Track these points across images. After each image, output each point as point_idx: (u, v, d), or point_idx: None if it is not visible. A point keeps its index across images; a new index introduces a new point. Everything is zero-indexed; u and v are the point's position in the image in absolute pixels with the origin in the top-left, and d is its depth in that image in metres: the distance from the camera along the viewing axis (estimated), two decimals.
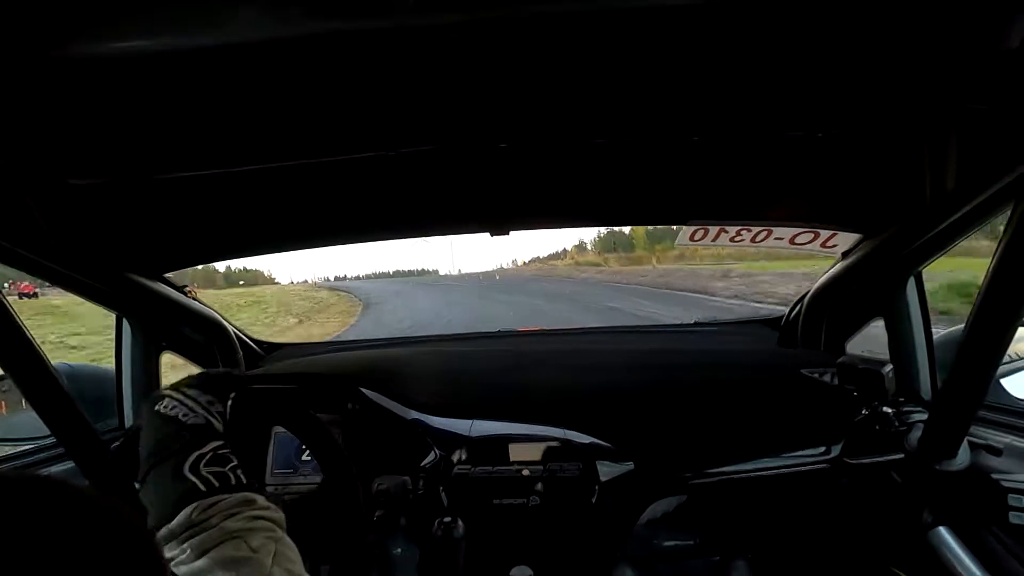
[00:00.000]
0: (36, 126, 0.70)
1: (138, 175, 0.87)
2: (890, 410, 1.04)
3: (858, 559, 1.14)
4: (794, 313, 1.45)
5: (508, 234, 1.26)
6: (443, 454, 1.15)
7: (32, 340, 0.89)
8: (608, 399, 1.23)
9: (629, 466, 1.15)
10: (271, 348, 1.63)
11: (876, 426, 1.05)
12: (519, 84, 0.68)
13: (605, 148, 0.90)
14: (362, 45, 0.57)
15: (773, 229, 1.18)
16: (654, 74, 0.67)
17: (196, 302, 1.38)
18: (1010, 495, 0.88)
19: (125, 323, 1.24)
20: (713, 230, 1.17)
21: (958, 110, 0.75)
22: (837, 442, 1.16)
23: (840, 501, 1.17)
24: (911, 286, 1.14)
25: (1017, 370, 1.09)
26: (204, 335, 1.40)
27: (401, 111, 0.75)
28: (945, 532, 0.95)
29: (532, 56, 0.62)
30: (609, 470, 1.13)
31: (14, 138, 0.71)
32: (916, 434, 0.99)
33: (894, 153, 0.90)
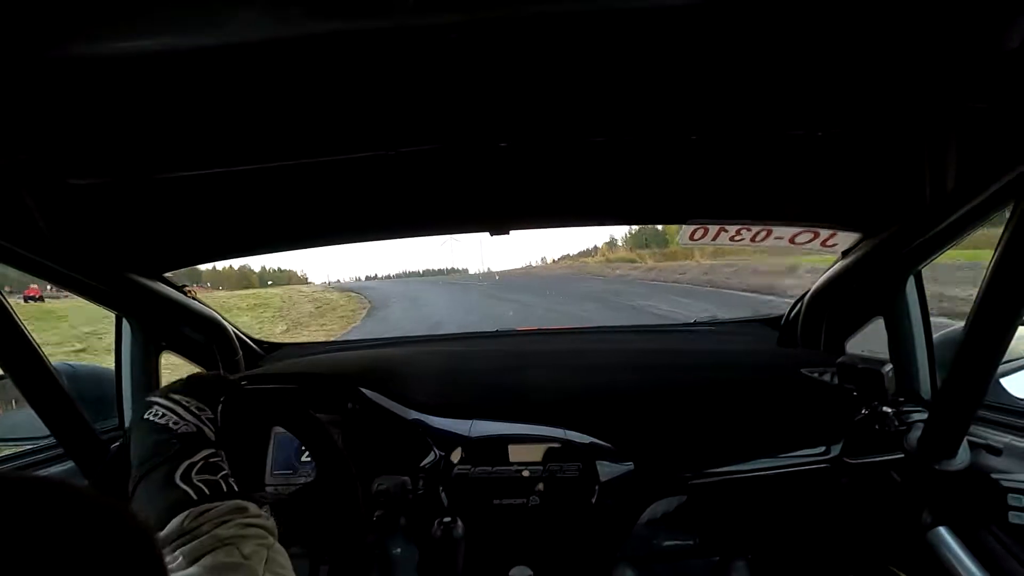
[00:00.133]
0: (36, 126, 0.70)
1: (138, 175, 0.87)
2: (890, 410, 1.04)
3: (858, 559, 1.14)
4: (794, 313, 1.45)
5: (508, 233, 1.26)
6: (443, 454, 1.15)
7: (32, 340, 0.89)
8: (608, 399, 1.23)
9: (629, 466, 1.15)
10: (271, 348, 1.63)
11: (876, 426, 1.05)
12: (519, 84, 0.68)
13: (605, 147, 0.90)
14: (362, 45, 0.57)
15: (773, 228, 1.18)
16: (654, 73, 0.67)
17: (196, 302, 1.38)
18: (1010, 495, 0.88)
19: (125, 323, 1.24)
20: (713, 229, 1.18)
21: (958, 110, 0.75)
22: (837, 442, 1.16)
23: (840, 501, 1.17)
24: (911, 285, 1.14)
25: (1017, 370, 1.09)
26: (204, 335, 1.40)
27: (401, 111, 0.75)
28: (945, 532, 0.95)
29: (532, 56, 0.62)
30: (609, 470, 1.14)
31: (14, 138, 0.71)
32: (916, 434, 0.99)
33: (894, 152, 0.90)
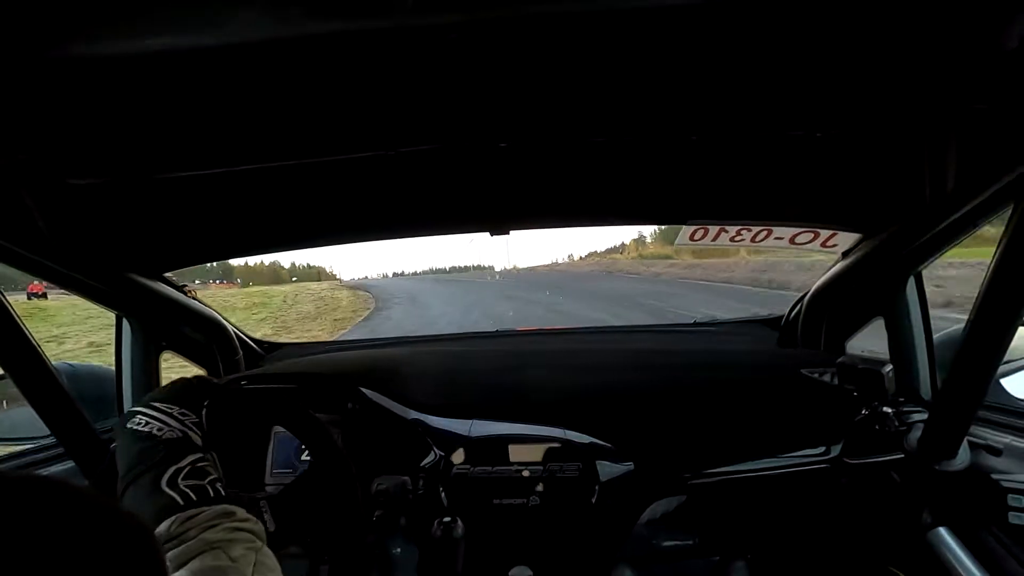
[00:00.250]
0: (36, 126, 0.70)
1: (138, 175, 0.87)
2: (890, 410, 1.04)
3: (857, 559, 1.14)
4: (794, 313, 1.45)
5: (508, 233, 1.26)
6: (443, 454, 1.15)
7: (32, 339, 0.89)
8: (608, 399, 1.23)
9: (629, 466, 1.15)
10: (271, 348, 1.63)
11: (876, 426, 1.05)
12: (519, 84, 0.68)
13: (605, 147, 0.90)
14: (362, 45, 0.57)
15: (773, 229, 1.18)
16: (654, 74, 0.67)
17: (196, 302, 1.38)
18: (1010, 495, 0.88)
19: (125, 323, 1.24)
20: (713, 230, 1.18)
21: (958, 110, 0.74)
22: (837, 442, 1.16)
23: (840, 501, 1.17)
24: (911, 286, 1.14)
25: (1017, 370, 1.09)
26: (204, 335, 1.40)
27: (401, 111, 0.75)
28: (944, 532, 0.95)
29: (532, 56, 0.62)
30: (609, 470, 1.13)
31: (13, 138, 0.71)
32: (916, 434, 0.99)
33: (894, 153, 0.90)
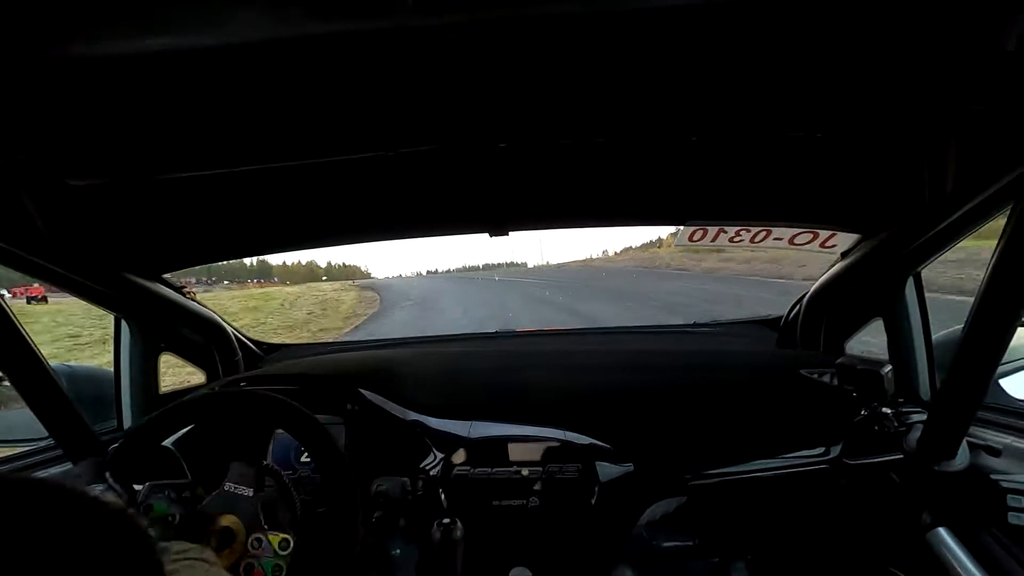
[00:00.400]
0: (35, 126, 0.70)
1: (137, 175, 0.87)
2: (889, 411, 1.04)
3: (857, 560, 1.14)
4: (793, 314, 1.45)
5: (507, 234, 1.26)
6: (442, 455, 1.15)
7: (30, 340, 0.89)
8: (607, 400, 1.23)
9: (628, 467, 1.15)
10: (270, 349, 1.63)
11: (875, 427, 1.05)
12: (519, 84, 0.68)
13: (604, 148, 0.90)
14: (362, 46, 0.57)
15: (772, 229, 1.18)
16: (653, 74, 0.68)
17: (195, 303, 1.38)
18: (1009, 496, 0.88)
19: (124, 324, 1.24)
20: (712, 230, 1.18)
21: (957, 111, 0.75)
22: (836, 443, 1.16)
23: (839, 502, 1.17)
24: (910, 286, 1.14)
25: (1016, 370, 1.09)
26: (203, 336, 1.40)
27: (401, 111, 0.75)
28: (944, 533, 0.95)
29: (532, 56, 0.62)
30: (608, 471, 1.13)
31: (13, 138, 0.71)
32: (915, 435, 0.99)
33: (893, 154, 0.90)
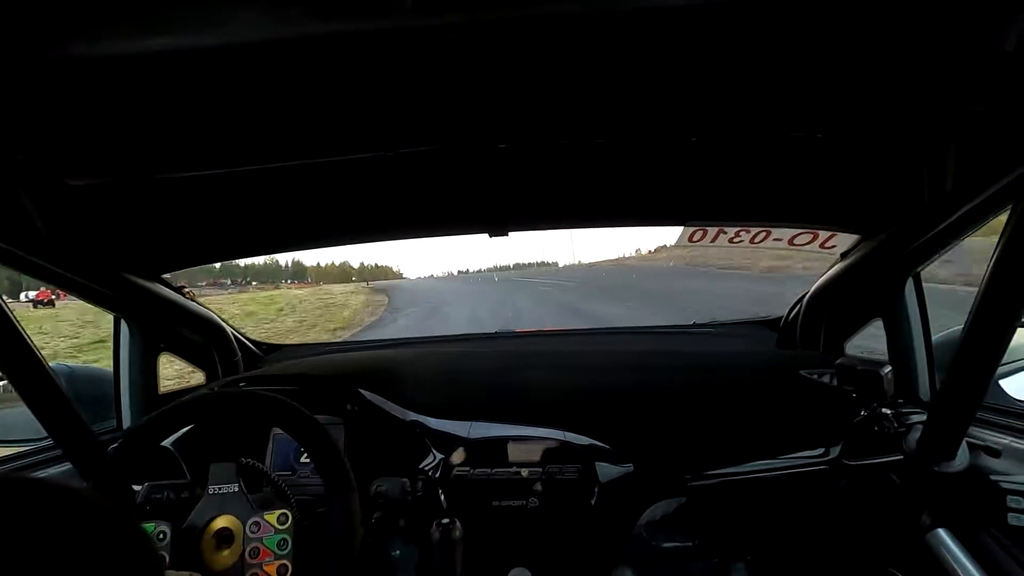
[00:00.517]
0: (34, 126, 0.70)
1: (136, 175, 0.87)
2: (889, 411, 1.04)
3: (857, 561, 1.14)
4: (793, 314, 1.45)
5: (507, 235, 1.26)
6: (442, 456, 1.15)
7: (29, 341, 0.89)
8: (607, 401, 1.23)
9: (628, 468, 1.15)
10: (270, 349, 1.63)
11: (875, 427, 1.05)
12: (518, 84, 0.68)
13: (604, 148, 0.90)
14: (362, 46, 0.57)
15: (772, 230, 1.18)
16: (653, 75, 0.68)
17: (194, 303, 1.38)
18: (1009, 496, 0.88)
19: (123, 324, 1.24)
20: (712, 231, 1.18)
21: (956, 112, 0.75)
22: (836, 443, 1.16)
23: (839, 503, 1.17)
24: (910, 287, 1.14)
25: (1016, 371, 1.09)
26: (202, 336, 1.40)
27: (400, 111, 0.75)
28: (944, 534, 0.95)
29: (531, 57, 0.62)
30: (608, 472, 1.13)
31: (12, 138, 0.71)
32: (915, 435, 0.99)
33: (893, 154, 0.90)
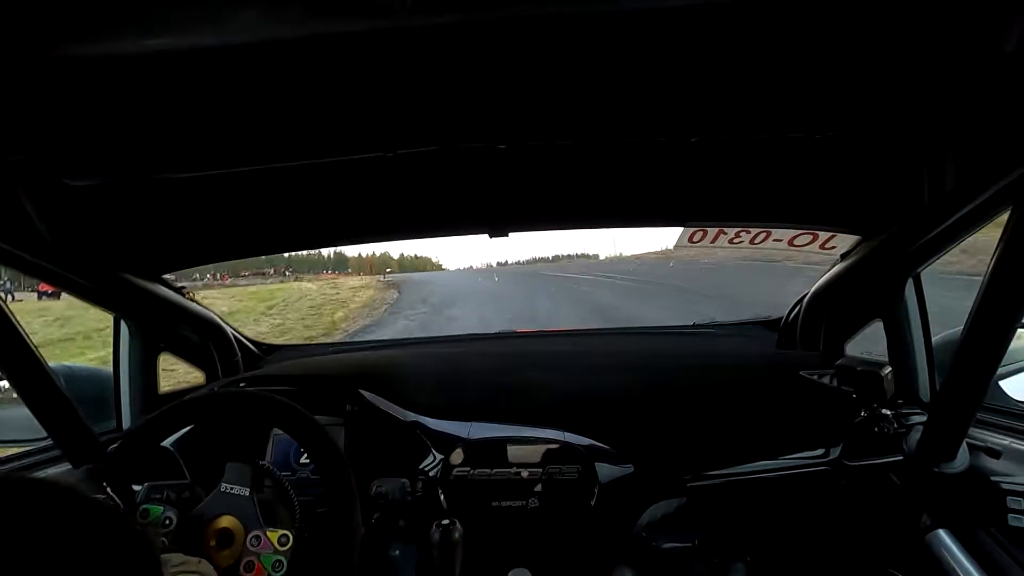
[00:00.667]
0: (34, 126, 0.70)
1: (136, 175, 0.87)
2: (889, 412, 1.04)
3: (857, 561, 1.14)
4: (793, 315, 1.45)
5: (507, 235, 1.26)
6: (442, 456, 1.14)
7: (28, 340, 0.89)
8: (607, 401, 1.23)
9: (628, 468, 1.15)
10: (270, 349, 1.62)
11: (875, 428, 1.05)
12: (518, 85, 0.68)
13: (604, 149, 0.90)
14: (361, 46, 0.57)
15: (772, 230, 1.18)
16: (653, 75, 0.68)
17: (194, 303, 1.37)
18: (1009, 497, 0.88)
19: (123, 324, 1.24)
20: (712, 231, 1.18)
21: (956, 113, 0.75)
22: (836, 444, 1.16)
23: (839, 503, 1.16)
24: (910, 288, 1.14)
25: (1016, 372, 1.09)
26: (202, 336, 1.40)
27: (400, 112, 0.75)
28: (944, 534, 0.94)
29: (531, 57, 0.62)
30: (608, 472, 1.13)
31: (11, 138, 0.71)
32: (915, 436, 0.99)
33: (893, 155, 0.90)
